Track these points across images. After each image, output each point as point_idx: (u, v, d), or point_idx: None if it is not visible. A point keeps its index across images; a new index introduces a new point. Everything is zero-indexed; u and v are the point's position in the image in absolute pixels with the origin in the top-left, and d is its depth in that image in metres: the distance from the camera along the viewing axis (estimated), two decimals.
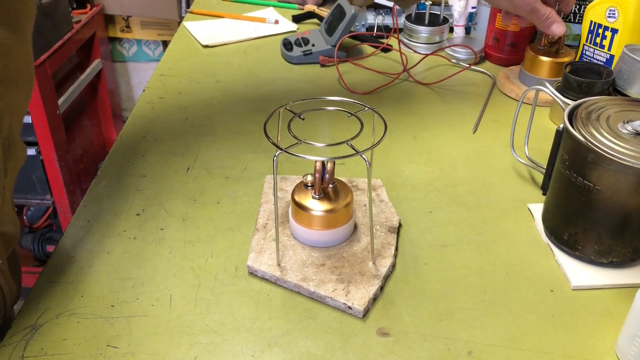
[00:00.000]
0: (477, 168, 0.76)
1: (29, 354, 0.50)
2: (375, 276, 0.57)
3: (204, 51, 1.11)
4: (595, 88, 0.80)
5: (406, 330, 0.53)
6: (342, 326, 0.54)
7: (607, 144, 0.54)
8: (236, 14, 1.27)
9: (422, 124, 0.87)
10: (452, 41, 1.10)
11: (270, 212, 0.66)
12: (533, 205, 0.69)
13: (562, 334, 0.53)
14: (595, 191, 0.56)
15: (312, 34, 1.09)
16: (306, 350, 0.51)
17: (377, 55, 1.10)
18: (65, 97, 1.59)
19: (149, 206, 0.68)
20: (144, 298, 0.56)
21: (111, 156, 0.78)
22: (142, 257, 0.61)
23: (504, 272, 0.60)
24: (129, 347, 0.51)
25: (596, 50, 0.92)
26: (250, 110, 0.90)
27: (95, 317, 0.54)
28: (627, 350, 0.50)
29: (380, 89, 0.97)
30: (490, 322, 0.54)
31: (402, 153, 0.80)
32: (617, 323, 0.54)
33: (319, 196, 0.60)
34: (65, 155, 1.54)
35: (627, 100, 0.62)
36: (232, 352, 0.51)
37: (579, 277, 0.59)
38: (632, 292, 0.52)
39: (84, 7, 1.76)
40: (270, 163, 0.76)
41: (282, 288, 0.58)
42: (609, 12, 0.88)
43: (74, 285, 0.58)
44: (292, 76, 1.01)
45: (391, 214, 0.66)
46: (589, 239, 0.59)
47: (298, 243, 0.62)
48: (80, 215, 0.67)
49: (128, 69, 2.07)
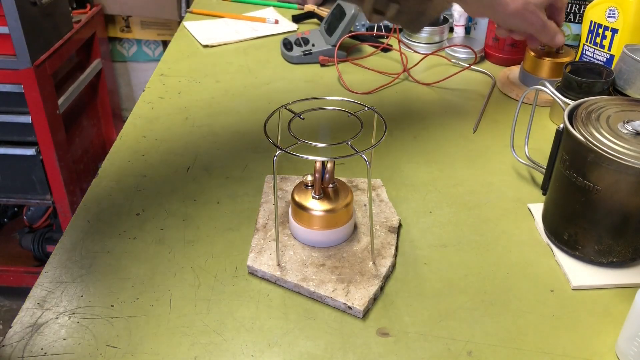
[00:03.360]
0: (477, 168, 0.76)
1: (29, 354, 0.50)
2: (375, 276, 0.57)
3: (204, 51, 1.11)
4: (595, 88, 0.80)
5: (406, 330, 0.53)
6: (342, 326, 0.54)
7: (607, 144, 0.54)
8: (236, 14, 1.27)
9: (422, 124, 0.87)
10: (452, 41, 1.10)
11: (270, 212, 0.66)
12: (533, 205, 0.69)
13: (562, 334, 0.53)
14: (595, 191, 0.56)
15: (312, 34, 1.09)
16: (306, 350, 0.51)
17: (377, 55, 1.10)
18: (65, 97, 1.59)
19: (149, 206, 0.68)
20: (144, 298, 0.56)
21: (111, 156, 0.78)
22: (142, 257, 0.61)
23: (504, 272, 0.60)
24: (129, 347, 0.51)
25: (596, 50, 0.92)
26: (250, 110, 0.90)
27: (95, 317, 0.54)
28: (627, 350, 0.50)
29: (380, 89, 0.97)
30: (490, 322, 0.54)
31: (402, 153, 0.80)
32: (617, 323, 0.54)
33: (319, 196, 0.60)
34: (65, 155, 1.54)
35: (627, 100, 0.62)
36: (232, 352, 0.51)
37: (579, 277, 0.59)
38: (632, 292, 0.52)
39: (84, 7, 1.76)
40: (270, 163, 0.76)
41: (282, 288, 0.58)
42: (609, 12, 0.88)
43: (74, 285, 0.58)
44: (292, 76, 1.01)
45: (391, 214, 0.66)
46: (589, 239, 0.59)
47: (298, 243, 0.62)
48: (80, 215, 0.67)
49: (128, 68, 2.07)
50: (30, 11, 1.37)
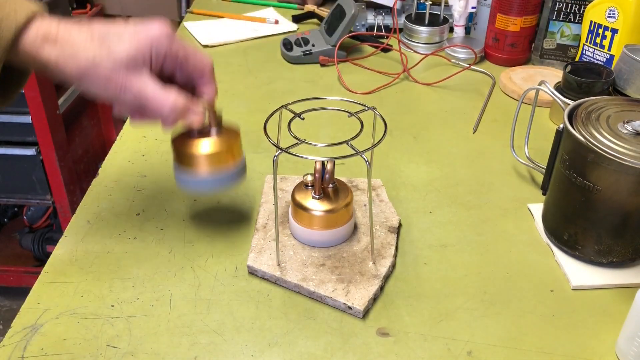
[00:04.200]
0: (477, 168, 0.76)
1: (29, 354, 0.50)
2: (375, 276, 0.57)
3: (204, 51, 1.11)
4: (595, 88, 0.80)
5: (406, 330, 0.53)
6: (342, 326, 0.54)
7: (607, 144, 0.54)
8: (236, 14, 1.27)
9: (422, 124, 0.87)
10: (452, 41, 1.10)
11: (270, 212, 0.66)
12: (533, 205, 0.69)
13: (562, 334, 0.53)
14: (595, 191, 0.56)
15: (312, 34, 1.09)
16: (306, 350, 0.51)
17: (377, 55, 1.10)
18: (65, 97, 1.59)
19: (149, 206, 0.68)
20: (144, 298, 0.56)
21: (111, 156, 0.78)
22: (142, 257, 0.61)
23: (504, 272, 0.60)
24: (129, 347, 0.51)
25: (596, 50, 0.92)
26: (250, 110, 0.90)
27: (95, 317, 0.54)
28: (627, 350, 0.50)
29: (380, 89, 0.97)
30: (490, 322, 0.54)
31: (402, 153, 0.80)
32: (617, 323, 0.54)
33: (319, 196, 0.60)
34: (65, 155, 1.54)
35: (627, 100, 0.62)
36: (232, 352, 0.51)
37: (579, 277, 0.59)
38: (632, 292, 0.52)
39: (84, 7, 1.75)
40: (270, 163, 0.76)
41: (282, 288, 0.58)
42: (609, 12, 0.88)
43: (74, 285, 0.57)
44: (292, 76, 1.01)
45: (391, 214, 0.66)
46: (589, 239, 0.59)
47: (298, 243, 0.62)
48: (80, 215, 0.67)
49: None
50: None
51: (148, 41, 0.50)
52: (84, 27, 0.50)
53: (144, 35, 0.50)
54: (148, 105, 0.51)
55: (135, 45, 0.49)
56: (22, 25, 0.48)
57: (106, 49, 0.49)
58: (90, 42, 0.49)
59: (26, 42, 0.48)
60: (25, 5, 0.49)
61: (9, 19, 0.48)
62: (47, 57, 0.48)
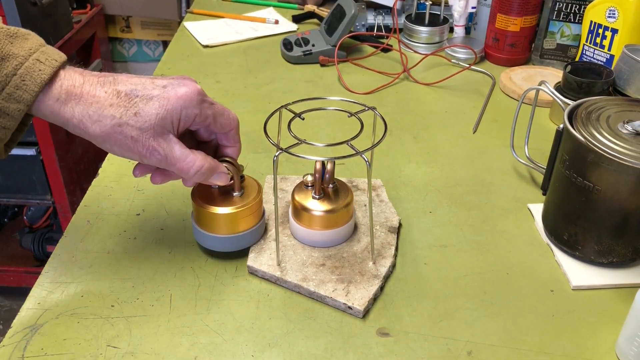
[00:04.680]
0: (477, 168, 0.76)
1: (29, 354, 0.50)
2: (375, 276, 0.57)
3: (204, 51, 1.11)
4: (595, 88, 0.80)
5: (406, 330, 0.53)
6: (342, 326, 0.54)
7: (607, 144, 0.54)
8: (236, 14, 1.27)
9: (422, 124, 0.87)
10: (452, 41, 1.10)
11: (270, 212, 0.66)
12: (533, 205, 0.69)
13: (562, 334, 0.53)
14: (595, 191, 0.56)
15: (312, 34, 1.09)
16: (306, 350, 0.51)
17: (377, 55, 1.10)
18: None
19: (149, 206, 0.68)
20: (144, 298, 0.56)
21: (111, 156, 0.78)
22: (142, 257, 0.61)
23: (504, 272, 0.60)
24: (129, 347, 0.51)
25: (596, 50, 0.92)
26: (250, 110, 0.90)
27: (95, 317, 0.54)
28: (627, 350, 0.50)
29: (380, 89, 0.97)
30: (490, 322, 0.54)
31: (402, 153, 0.80)
32: (617, 323, 0.54)
33: (319, 196, 0.60)
34: (65, 155, 1.54)
35: (627, 100, 0.62)
36: (232, 352, 0.51)
37: (579, 277, 0.59)
38: (632, 292, 0.52)
39: (84, 7, 1.75)
40: (270, 163, 0.76)
41: (282, 288, 0.58)
42: (609, 12, 0.88)
43: (74, 285, 0.58)
44: (292, 76, 1.01)
45: (391, 214, 0.66)
46: (589, 239, 0.59)
47: (298, 243, 0.62)
48: (80, 215, 0.67)
49: (128, 69, 2.07)
50: (31, 11, 1.37)
51: (178, 106, 0.48)
52: (108, 81, 0.48)
53: (175, 99, 0.48)
54: (174, 168, 0.50)
55: (164, 110, 0.48)
56: (47, 81, 0.46)
57: (133, 110, 0.47)
58: (116, 100, 0.47)
59: (50, 98, 0.46)
60: (50, 54, 0.46)
61: (33, 74, 0.45)
62: (70, 114, 0.47)
